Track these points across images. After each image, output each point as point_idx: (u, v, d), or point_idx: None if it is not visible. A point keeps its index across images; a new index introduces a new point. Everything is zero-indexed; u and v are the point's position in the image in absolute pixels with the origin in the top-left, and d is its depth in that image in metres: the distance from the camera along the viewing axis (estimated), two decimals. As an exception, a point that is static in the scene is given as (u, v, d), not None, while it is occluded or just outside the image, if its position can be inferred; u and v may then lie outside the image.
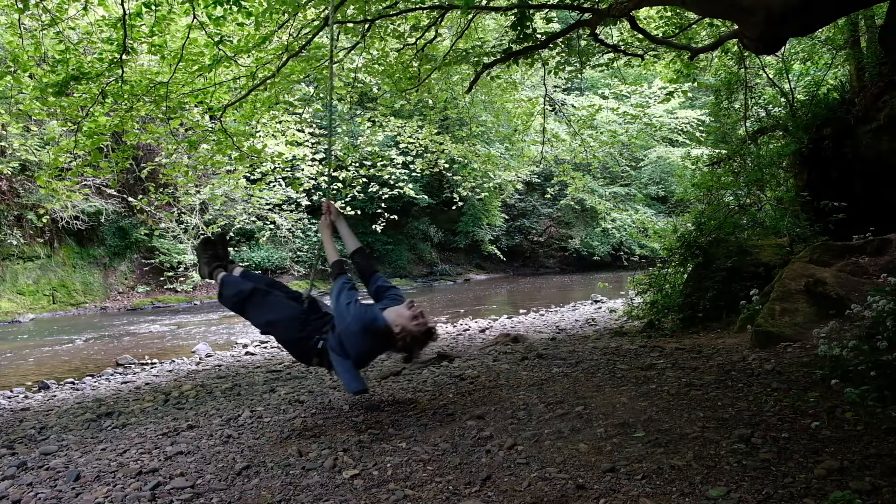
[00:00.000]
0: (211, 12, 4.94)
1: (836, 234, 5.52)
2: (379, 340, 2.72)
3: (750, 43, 3.75)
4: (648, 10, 7.29)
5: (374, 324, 2.67)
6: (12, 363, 8.47)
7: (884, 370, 2.74)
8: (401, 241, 22.76)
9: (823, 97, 6.70)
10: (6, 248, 14.94)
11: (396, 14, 5.71)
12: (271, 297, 3.05)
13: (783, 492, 2.02)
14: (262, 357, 7.50)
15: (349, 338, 2.69)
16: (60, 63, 5.13)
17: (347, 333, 2.68)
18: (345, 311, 2.71)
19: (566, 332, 7.34)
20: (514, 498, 2.16)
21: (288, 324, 2.92)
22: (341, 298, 2.72)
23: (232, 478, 2.60)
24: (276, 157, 8.39)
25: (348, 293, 2.74)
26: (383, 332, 2.67)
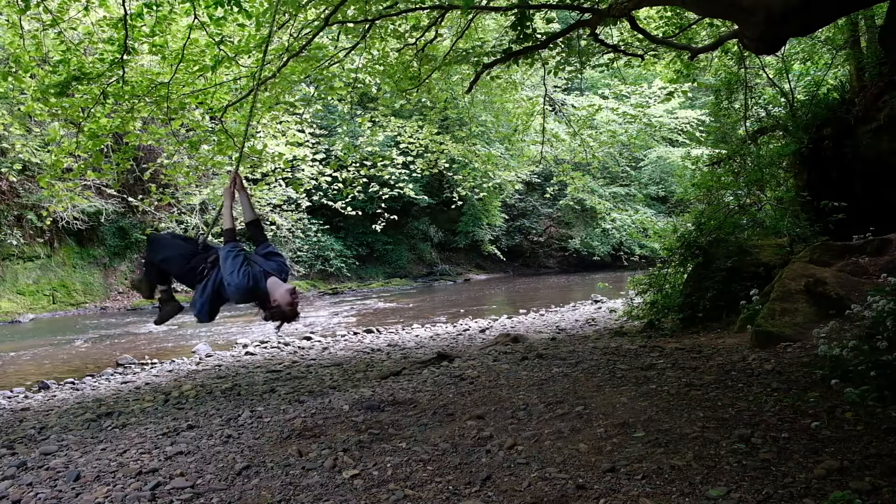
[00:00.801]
0: (212, 13, 4.95)
1: (836, 234, 5.52)
2: (251, 298, 3.09)
3: (750, 43, 3.75)
4: (648, 10, 7.28)
5: (254, 289, 3.02)
6: (12, 363, 8.47)
7: (884, 370, 2.74)
8: (401, 241, 22.76)
9: (823, 97, 6.70)
10: (6, 248, 14.95)
11: (397, 14, 5.71)
12: (164, 242, 3.59)
13: (783, 492, 2.02)
14: (262, 357, 7.50)
15: (229, 290, 3.08)
16: (62, 63, 5.13)
17: (228, 288, 3.07)
18: (230, 275, 3.06)
19: (566, 332, 7.34)
20: (514, 498, 2.16)
21: (177, 258, 3.40)
22: (227, 263, 3.10)
23: (232, 478, 2.60)
24: (277, 158, 8.39)
25: (234, 259, 3.10)
26: (260, 295, 3.04)
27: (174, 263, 3.45)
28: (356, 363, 6.15)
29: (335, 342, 8.55)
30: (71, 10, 5.32)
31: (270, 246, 3.46)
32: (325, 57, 6.23)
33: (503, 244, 24.01)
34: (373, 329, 9.84)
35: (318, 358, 6.96)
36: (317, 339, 9.01)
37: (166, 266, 3.51)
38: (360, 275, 21.43)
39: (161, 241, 3.65)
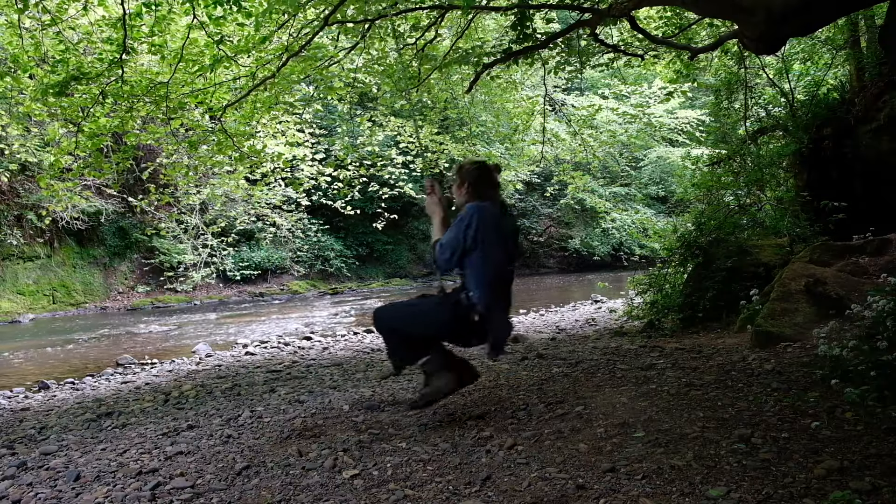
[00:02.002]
0: (211, 12, 4.95)
1: (836, 234, 5.52)
2: (484, 218, 2.91)
3: (750, 43, 3.75)
4: (648, 10, 7.29)
5: (467, 211, 2.91)
6: (12, 363, 8.47)
7: (884, 370, 2.74)
8: (401, 241, 22.77)
9: (823, 97, 6.70)
10: (6, 248, 14.95)
11: (396, 14, 5.70)
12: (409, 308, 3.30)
13: (783, 492, 2.02)
14: (262, 357, 7.50)
15: (475, 256, 2.90)
16: (61, 63, 5.13)
17: (472, 246, 2.88)
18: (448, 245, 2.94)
19: (566, 332, 7.34)
20: (514, 498, 2.16)
21: (430, 311, 3.12)
22: (445, 245, 2.93)
23: (232, 478, 2.60)
24: (276, 158, 8.39)
25: (447, 232, 2.98)
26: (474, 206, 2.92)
27: (444, 337, 3.10)
28: (356, 363, 6.15)
29: (335, 342, 8.55)
30: (70, 10, 5.32)
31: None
32: (325, 57, 6.23)
33: (503, 244, 23.97)
34: (373, 329, 9.84)
35: (318, 358, 6.96)
36: (317, 339, 9.01)
37: (436, 340, 3.10)
38: (360, 275, 21.43)
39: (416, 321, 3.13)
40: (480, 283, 2.90)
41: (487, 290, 2.90)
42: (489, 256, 2.90)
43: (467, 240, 2.89)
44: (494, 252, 2.92)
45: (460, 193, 3.13)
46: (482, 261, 2.90)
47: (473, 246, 2.89)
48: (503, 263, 3.01)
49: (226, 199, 14.90)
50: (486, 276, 2.91)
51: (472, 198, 3.04)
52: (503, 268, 3.02)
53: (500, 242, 2.97)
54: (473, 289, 2.92)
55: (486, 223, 2.90)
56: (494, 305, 2.93)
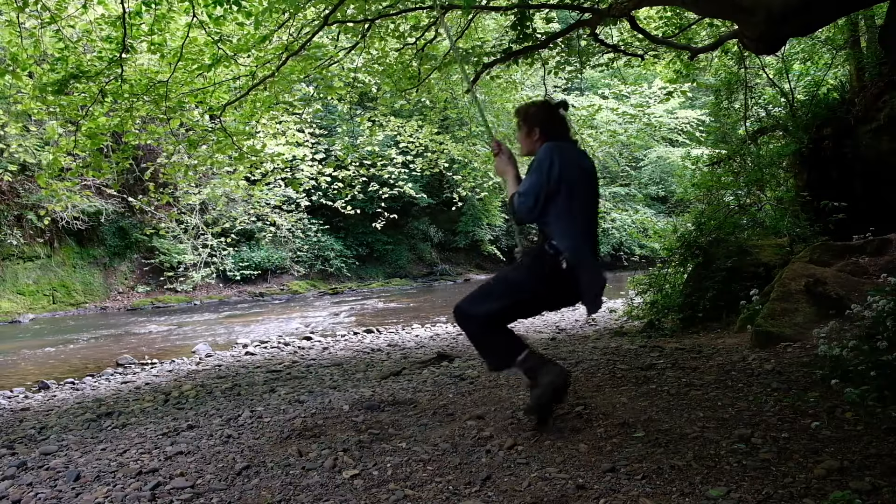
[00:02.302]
0: (211, 11, 4.95)
1: (836, 234, 5.52)
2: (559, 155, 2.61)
3: (750, 43, 3.75)
4: (648, 10, 7.29)
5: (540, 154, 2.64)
6: (12, 363, 8.47)
7: (884, 370, 2.74)
8: (401, 240, 22.77)
9: (823, 97, 6.70)
10: (6, 248, 14.95)
11: (396, 14, 5.71)
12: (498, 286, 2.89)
13: (783, 492, 2.02)
14: (262, 357, 7.50)
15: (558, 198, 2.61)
16: (60, 61, 5.13)
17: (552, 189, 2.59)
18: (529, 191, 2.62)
19: (566, 332, 7.34)
20: (514, 498, 2.16)
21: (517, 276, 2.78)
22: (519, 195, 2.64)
23: (232, 478, 2.60)
24: (276, 158, 8.39)
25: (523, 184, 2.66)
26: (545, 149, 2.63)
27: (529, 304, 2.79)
28: (356, 363, 6.15)
29: (335, 342, 8.55)
30: (69, 8, 5.32)
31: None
32: (325, 56, 6.23)
33: (503, 244, 24.01)
34: (373, 329, 9.84)
35: (318, 358, 6.96)
36: (317, 339, 9.01)
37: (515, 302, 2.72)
38: (360, 275, 21.43)
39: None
40: (568, 228, 2.58)
41: (576, 235, 2.57)
42: (576, 198, 2.59)
43: (550, 181, 2.56)
44: (580, 193, 2.61)
45: (530, 141, 2.80)
46: (568, 204, 2.57)
47: (557, 188, 2.56)
48: (591, 205, 2.70)
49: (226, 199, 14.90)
50: (573, 221, 2.58)
51: (544, 141, 2.72)
52: (591, 210, 2.71)
53: (585, 182, 2.66)
54: (559, 237, 2.58)
55: (568, 162, 2.59)
56: (585, 253, 2.59)
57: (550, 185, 2.56)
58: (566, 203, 2.58)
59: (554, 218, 2.60)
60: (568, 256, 2.55)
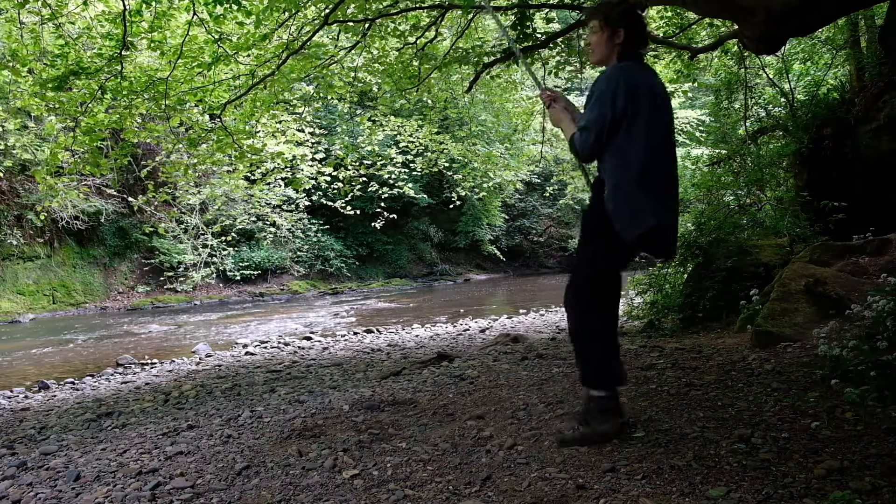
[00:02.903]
0: (211, 10, 4.95)
1: (836, 234, 5.52)
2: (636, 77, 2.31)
3: (750, 43, 3.75)
4: (649, 10, 7.29)
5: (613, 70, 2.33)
6: (12, 363, 8.47)
7: (884, 370, 2.74)
8: (401, 240, 22.76)
9: (823, 97, 6.70)
10: (6, 248, 14.95)
11: (397, 13, 5.71)
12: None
13: (783, 492, 2.02)
14: (262, 357, 7.50)
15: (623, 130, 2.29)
16: (60, 58, 5.13)
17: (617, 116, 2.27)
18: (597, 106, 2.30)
19: (566, 332, 7.34)
20: (514, 498, 2.16)
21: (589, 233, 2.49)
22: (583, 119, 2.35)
23: (232, 478, 2.60)
24: (277, 157, 8.39)
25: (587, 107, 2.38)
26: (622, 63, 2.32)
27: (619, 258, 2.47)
28: (356, 363, 6.15)
29: (335, 342, 8.55)
30: (70, 5, 5.32)
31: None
32: (325, 55, 6.23)
33: (503, 244, 24.02)
34: (373, 329, 9.84)
35: (318, 358, 6.96)
36: (317, 339, 9.01)
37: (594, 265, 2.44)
38: (360, 275, 21.43)
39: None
40: (622, 161, 2.26)
41: (629, 168, 2.24)
42: (651, 126, 2.26)
43: (616, 111, 2.24)
44: (653, 122, 2.27)
45: (610, 45, 2.40)
46: (627, 138, 2.25)
47: (621, 119, 2.24)
48: (659, 139, 2.31)
49: (226, 199, 14.90)
50: (632, 154, 2.24)
51: (622, 52, 2.37)
52: (660, 145, 2.30)
53: (653, 110, 2.28)
54: (609, 173, 2.30)
55: (636, 87, 2.25)
56: (629, 188, 2.24)
57: (616, 115, 2.24)
58: (625, 136, 2.25)
59: (609, 154, 2.30)
60: (609, 193, 2.28)
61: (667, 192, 2.36)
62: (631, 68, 2.32)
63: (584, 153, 2.37)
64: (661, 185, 2.32)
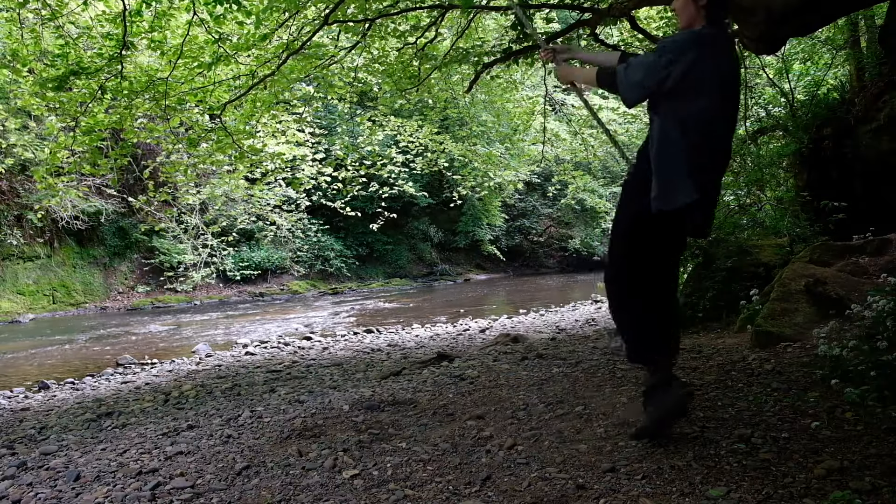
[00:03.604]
0: (211, 10, 4.95)
1: (836, 234, 5.52)
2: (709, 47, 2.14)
3: (750, 43, 3.75)
4: (648, 10, 7.29)
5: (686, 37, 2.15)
6: (12, 363, 8.47)
7: (884, 370, 2.74)
8: (401, 240, 22.76)
9: (823, 97, 6.70)
10: (6, 248, 14.95)
11: (397, 13, 5.71)
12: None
13: (783, 492, 2.02)
14: (262, 357, 7.50)
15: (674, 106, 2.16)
16: (60, 58, 5.13)
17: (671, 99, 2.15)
18: (637, 73, 2.18)
19: (566, 332, 7.34)
20: (514, 498, 2.16)
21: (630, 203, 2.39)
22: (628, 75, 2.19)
23: (232, 478, 2.60)
24: (277, 157, 8.39)
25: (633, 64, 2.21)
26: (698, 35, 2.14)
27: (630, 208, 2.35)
28: (356, 363, 6.15)
29: (335, 342, 8.55)
30: (70, 4, 5.32)
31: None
32: (325, 56, 6.23)
33: (503, 244, 24.00)
34: (373, 329, 9.85)
35: (318, 358, 6.96)
36: (317, 339, 9.01)
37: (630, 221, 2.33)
38: (360, 275, 21.42)
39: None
40: (672, 141, 2.12)
41: (681, 149, 2.11)
42: (709, 105, 2.10)
43: (671, 77, 2.08)
44: (709, 108, 2.11)
45: (693, 8, 2.20)
46: (678, 112, 2.12)
47: (675, 87, 2.08)
48: (714, 122, 2.16)
49: (226, 199, 14.90)
50: (682, 133, 2.11)
51: (707, 15, 2.17)
52: (713, 130, 2.16)
53: (715, 90, 2.12)
54: (658, 143, 2.16)
55: (705, 59, 2.08)
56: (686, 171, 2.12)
57: (668, 80, 2.08)
58: (678, 109, 2.11)
59: (661, 117, 2.15)
60: (652, 157, 2.16)
61: (709, 172, 2.22)
62: (707, 42, 2.12)
63: (626, 93, 2.21)
64: (704, 166, 2.18)
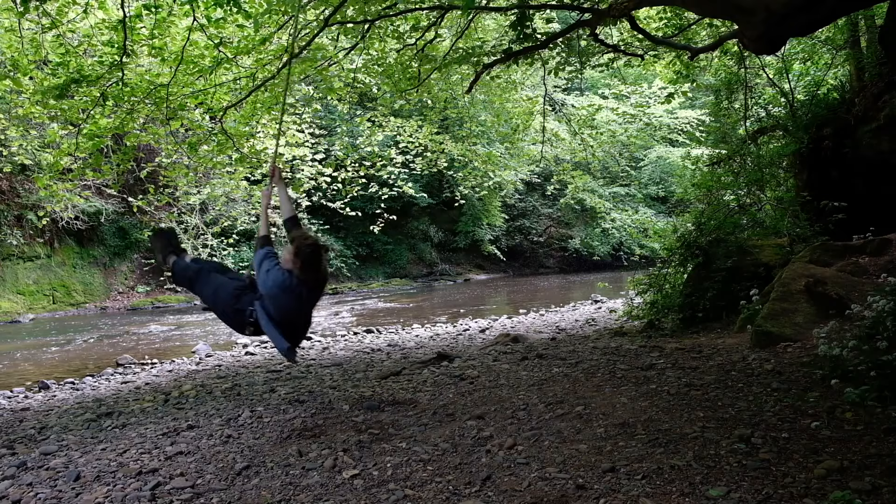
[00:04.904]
0: (211, 14, 4.94)
1: (836, 234, 5.52)
2: (294, 291, 3.00)
3: (750, 43, 3.75)
4: (648, 10, 7.28)
5: (288, 279, 2.97)
6: (12, 363, 8.47)
7: (884, 370, 2.74)
8: (401, 241, 22.75)
9: (823, 97, 6.71)
10: (6, 248, 14.95)
11: (396, 14, 5.70)
12: (213, 277, 3.39)
13: (783, 492, 2.02)
14: (262, 357, 7.50)
15: (273, 300, 2.99)
16: (61, 66, 5.12)
17: (270, 296, 2.99)
18: (265, 277, 3.01)
19: (566, 332, 7.34)
20: (514, 498, 2.16)
21: (225, 298, 3.24)
22: (263, 266, 3.05)
23: (232, 478, 2.60)
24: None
25: (269, 261, 3.06)
26: (293, 280, 2.97)
27: (220, 302, 3.25)
28: (356, 363, 6.15)
29: (335, 342, 8.55)
30: (70, 13, 5.31)
31: None
32: (325, 57, 6.23)
33: (503, 244, 24.00)
34: (373, 329, 9.84)
35: (318, 358, 6.96)
36: (317, 339, 9.01)
37: (213, 306, 3.31)
38: (360, 275, 21.42)
39: (210, 280, 3.36)
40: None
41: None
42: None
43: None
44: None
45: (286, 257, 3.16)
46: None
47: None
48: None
49: (226, 200, 14.89)
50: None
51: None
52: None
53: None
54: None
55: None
56: None
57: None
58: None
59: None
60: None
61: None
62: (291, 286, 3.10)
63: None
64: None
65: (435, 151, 10.53)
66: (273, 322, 3.00)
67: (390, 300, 15.75)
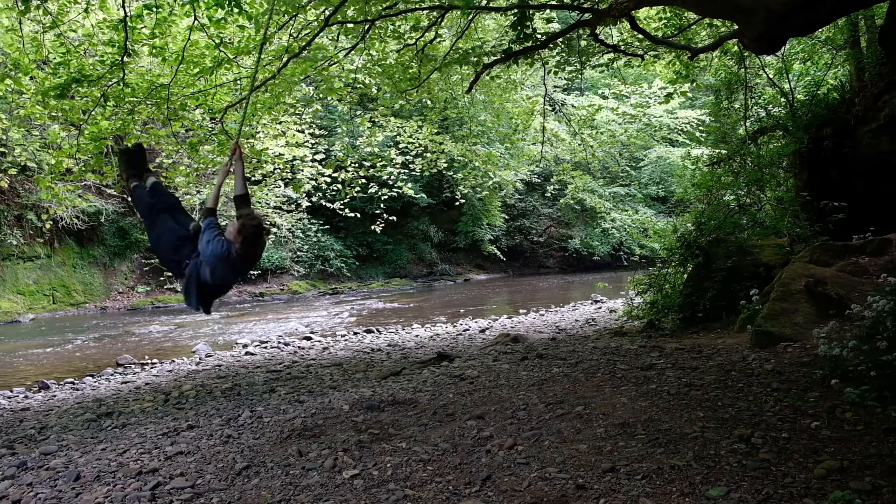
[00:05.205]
0: (212, 14, 4.94)
1: (836, 234, 5.52)
2: (231, 262, 3.20)
3: (750, 43, 3.75)
4: (648, 11, 7.28)
5: (227, 250, 3.17)
6: (12, 363, 8.47)
7: (884, 370, 2.74)
8: (401, 241, 22.75)
9: (823, 97, 6.70)
10: (6, 248, 14.94)
11: (396, 14, 5.70)
12: (161, 219, 3.59)
13: (783, 492, 2.02)
14: (262, 357, 7.50)
15: (211, 266, 3.19)
16: (62, 66, 5.12)
17: (209, 263, 3.19)
18: (205, 246, 3.21)
19: (566, 332, 7.34)
20: (514, 498, 2.16)
21: (165, 245, 3.47)
22: (205, 235, 3.25)
23: (232, 478, 2.60)
24: (277, 159, 8.38)
25: (210, 231, 3.27)
26: (233, 251, 3.18)
27: (161, 248, 3.50)
28: (356, 363, 6.15)
29: (335, 342, 8.55)
30: (71, 12, 5.31)
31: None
32: (325, 58, 6.23)
33: (503, 244, 24.00)
34: (373, 329, 9.85)
35: (318, 358, 6.96)
36: (317, 339, 9.01)
37: (156, 248, 3.60)
38: (360, 275, 21.42)
39: (158, 222, 3.58)
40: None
41: None
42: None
43: None
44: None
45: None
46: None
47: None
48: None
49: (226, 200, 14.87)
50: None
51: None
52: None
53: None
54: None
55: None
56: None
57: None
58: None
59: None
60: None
61: None
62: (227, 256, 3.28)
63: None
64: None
65: (435, 152, 10.53)
66: (199, 283, 3.23)
67: (390, 300, 15.75)
